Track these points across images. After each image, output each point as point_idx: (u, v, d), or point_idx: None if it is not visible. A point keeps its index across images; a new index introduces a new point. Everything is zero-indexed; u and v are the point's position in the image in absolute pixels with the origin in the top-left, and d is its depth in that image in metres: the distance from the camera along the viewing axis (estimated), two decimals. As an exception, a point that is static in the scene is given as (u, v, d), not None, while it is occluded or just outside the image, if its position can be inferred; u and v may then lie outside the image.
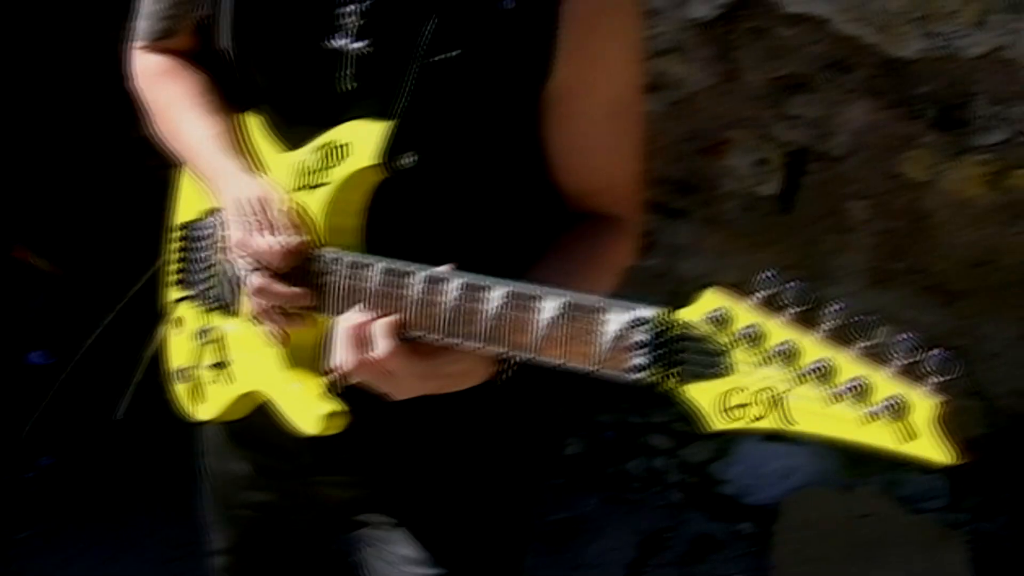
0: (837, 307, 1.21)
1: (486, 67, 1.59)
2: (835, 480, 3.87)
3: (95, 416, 2.03)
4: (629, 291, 4.00)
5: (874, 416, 1.15)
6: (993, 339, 3.73)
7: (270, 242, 1.62)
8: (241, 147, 1.74)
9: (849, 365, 1.18)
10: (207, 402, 1.82)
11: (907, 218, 3.68)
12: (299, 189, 1.65)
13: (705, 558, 3.72)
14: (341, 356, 1.53)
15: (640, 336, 1.32)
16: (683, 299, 1.24)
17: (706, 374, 1.27)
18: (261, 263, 1.63)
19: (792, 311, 1.23)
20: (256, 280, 1.64)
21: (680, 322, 1.29)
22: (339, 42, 1.61)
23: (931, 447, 1.13)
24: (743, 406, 1.24)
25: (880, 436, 1.15)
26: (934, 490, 3.81)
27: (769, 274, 1.25)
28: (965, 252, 3.66)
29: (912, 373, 1.16)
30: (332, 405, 1.61)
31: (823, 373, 1.19)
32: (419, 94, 1.56)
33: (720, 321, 1.26)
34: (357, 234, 1.64)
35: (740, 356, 1.25)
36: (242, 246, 1.65)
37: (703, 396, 1.27)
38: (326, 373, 1.60)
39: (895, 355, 1.17)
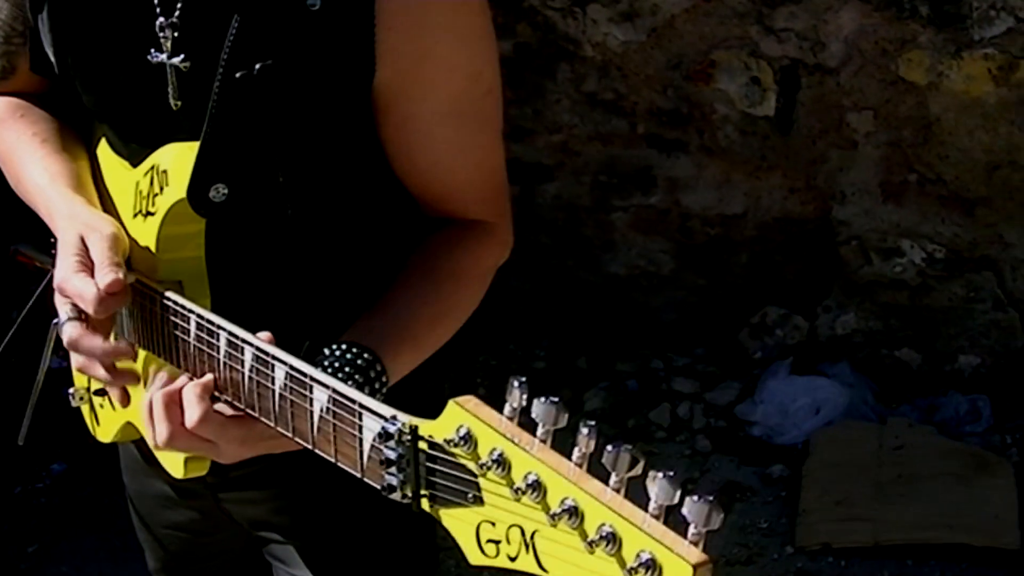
0: (587, 430, 1.00)
1: (300, 74, 1.48)
2: (867, 412, 3.66)
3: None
4: (640, 232, 3.88)
5: (633, 573, 0.95)
6: (1019, 245, 3.47)
7: (86, 285, 1.48)
8: (83, 183, 1.64)
9: (598, 508, 0.98)
10: (102, 426, 1.74)
11: (913, 125, 3.45)
12: (137, 215, 1.55)
13: (733, 506, 3.52)
14: (155, 428, 1.43)
15: (389, 453, 1.12)
16: (688, 237, 1.00)
17: (456, 502, 1.07)
18: (76, 311, 1.52)
19: (543, 431, 1.02)
20: (69, 330, 1.52)
21: (426, 439, 1.09)
22: (159, 57, 1.52)
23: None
24: (496, 542, 1.04)
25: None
26: (974, 413, 3.58)
27: (518, 382, 1.04)
28: (979, 156, 3.42)
29: (670, 520, 0.94)
30: None
31: (573, 514, 0.98)
32: (229, 111, 1.46)
33: (466, 441, 1.06)
34: (196, 268, 1.53)
35: (490, 485, 1.05)
36: (61, 290, 1.52)
37: (456, 526, 1.08)
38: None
39: (653, 495, 0.96)
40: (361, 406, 1.17)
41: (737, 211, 3.77)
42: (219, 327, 1.40)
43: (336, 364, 1.39)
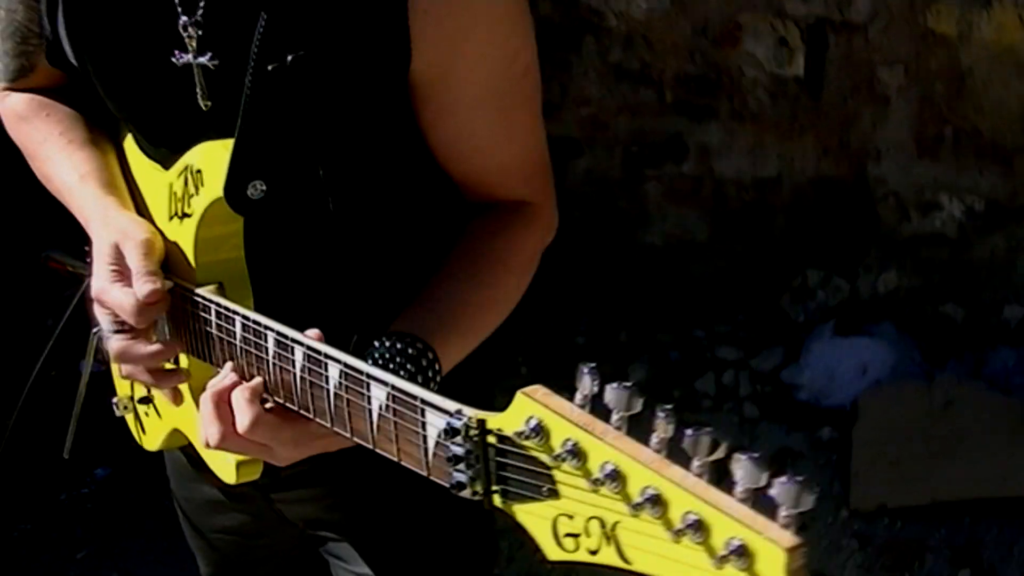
0: (664, 415, 0.96)
1: (334, 63, 1.44)
2: (914, 370, 3.61)
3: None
4: (673, 202, 3.83)
5: (724, 561, 0.91)
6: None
7: (124, 296, 1.47)
8: (114, 181, 1.62)
9: (682, 495, 0.94)
10: (148, 434, 1.72)
11: (945, 78, 3.39)
12: (173, 218, 1.52)
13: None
14: (206, 430, 1.41)
15: (456, 449, 1.09)
16: (723, 204, 0.96)
17: (530, 496, 1.04)
18: (118, 320, 1.50)
19: (617, 418, 0.99)
20: (114, 344, 1.51)
21: (495, 432, 1.06)
22: (185, 58, 1.48)
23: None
24: (575, 536, 1.01)
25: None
26: (1022, 365, 3.53)
27: (588, 368, 1.00)
28: (1015, 105, 3.37)
29: (759, 503, 0.91)
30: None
31: (656, 503, 0.95)
32: (262, 106, 1.42)
33: (537, 433, 1.02)
34: (236, 268, 1.50)
35: (565, 477, 1.01)
36: (99, 301, 1.51)
37: (532, 521, 1.05)
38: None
39: (738, 478, 0.92)
40: (423, 402, 1.14)
41: (771, 174, 3.72)
42: (266, 327, 1.37)
43: (387, 356, 1.37)
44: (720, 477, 0.95)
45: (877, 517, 3.30)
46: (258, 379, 1.38)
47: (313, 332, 1.35)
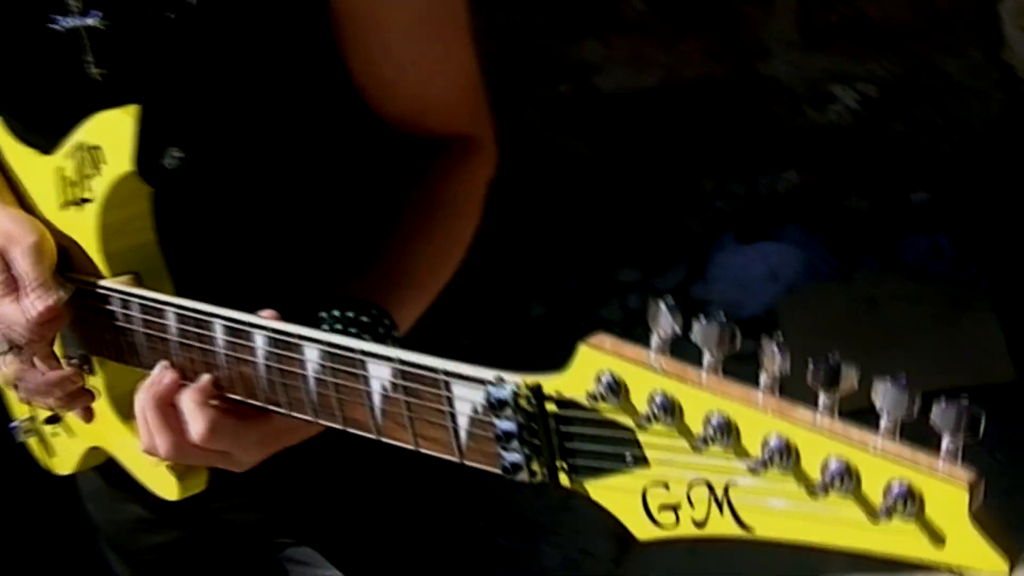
0: (775, 345, 0.78)
1: (244, 4, 1.30)
2: (827, 270, 3.51)
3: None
4: (553, 125, 3.65)
5: (887, 514, 0.74)
6: (956, 72, 3.33)
7: (15, 313, 1.30)
8: None
9: (817, 440, 0.76)
10: (58, 456, 1.55)
11: (824, -40, 3.26)
12: (66, 206, 1.35)
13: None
14: (150, 441, 1.23)
15: (504, 424, 0.90)
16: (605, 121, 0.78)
17: (609, 468, 0.85)
18: (9, 339, 1.33)
19: (712, 357, 0.81)
20: (8, 368, 1.36)
21: (555, 398, 0.87)
22: (68, 21, 1.31)
23: (970, 551, 0.72)
24: (673, 508, 0.83)
25: (895, 541, 0.74)
26: (936, 251, 3.45)
27: (666, 304, 0.82)
28: (901, -14, 3.25)
29: (914, 439, 0.73)
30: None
31: (785, 454, 0.77)
32: (167, 61, 1.28)
33: (614, 391, 0.83)
34: (150, 254, 1.33)
35: (655, 439, 0.83)
36: None
37: (613, 498, 0.86)
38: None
39: (883, 409, 0.75)
40: (447, 373, 0.94)
41: (654, 84, 3.57)
42: (211, 315, 1.18)
43: (338, 329, 1.21)
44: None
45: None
46: (207, 377, 1.20)
47: (268, 312, 1.17)
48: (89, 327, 1.34)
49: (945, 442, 0.74)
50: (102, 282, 1.31)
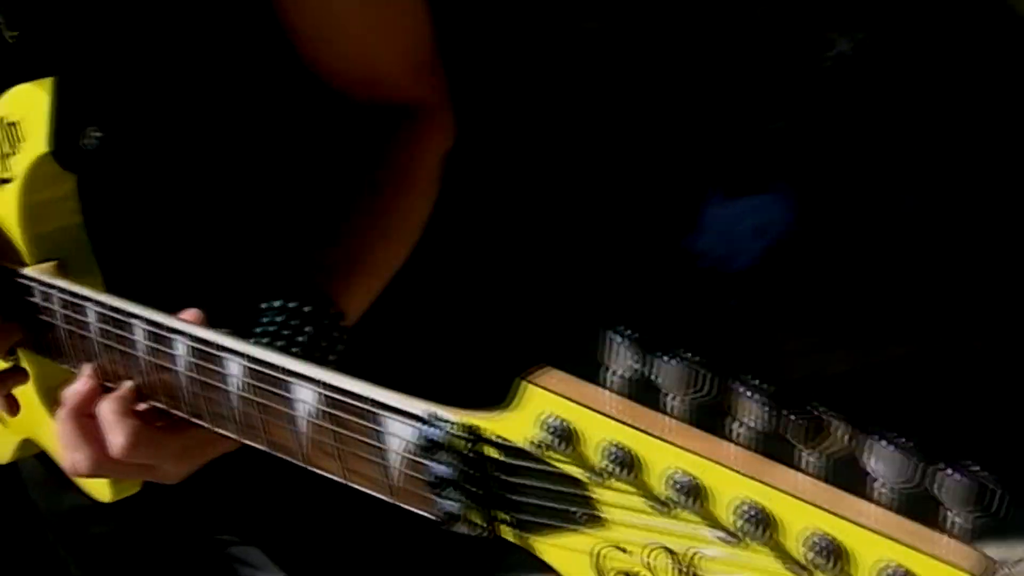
0: (750, 390, 0.66)
1: None
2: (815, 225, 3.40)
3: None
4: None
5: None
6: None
7: None
8: None
9: (801, 508, 0.64)
10: None
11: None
12: None
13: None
14: (70, 456, 1.12)
15: (438, 468, 0.77)
16: None
17: (558, 526, 0.73)
18: None
19: (679, 402, 0.68)
20: None
21: (495, 442, 0.75)
22: None
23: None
24: (630, 574, 0.71)
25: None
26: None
27: (621, 336, 0.69)
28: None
29: (911, 510, 0.61)
30: None
31: (761, 523, 0.65)
32: (85, 27, 1.18)
33: (559, 438, 0.71)
34: (76, 239, 1.22)
35: (611, 496, 0.71)
36: None
37: (562, 558, 0.74)
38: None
39: (878, 476, 0.63)
40: (376, 404, 0.82)
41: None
42: (130, 315, 1.06)
43: (278, 321, 1.11)
44: (848, 475, 0.65)
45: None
46: (128, 385, 1.09)
47: (190, 313, 1.05)
48: (13, 316, 1.23)
49: (952, 518, 0.62)
50: (23, 270, 1.20)
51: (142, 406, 1.09)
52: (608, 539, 0.71)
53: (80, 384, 1.11)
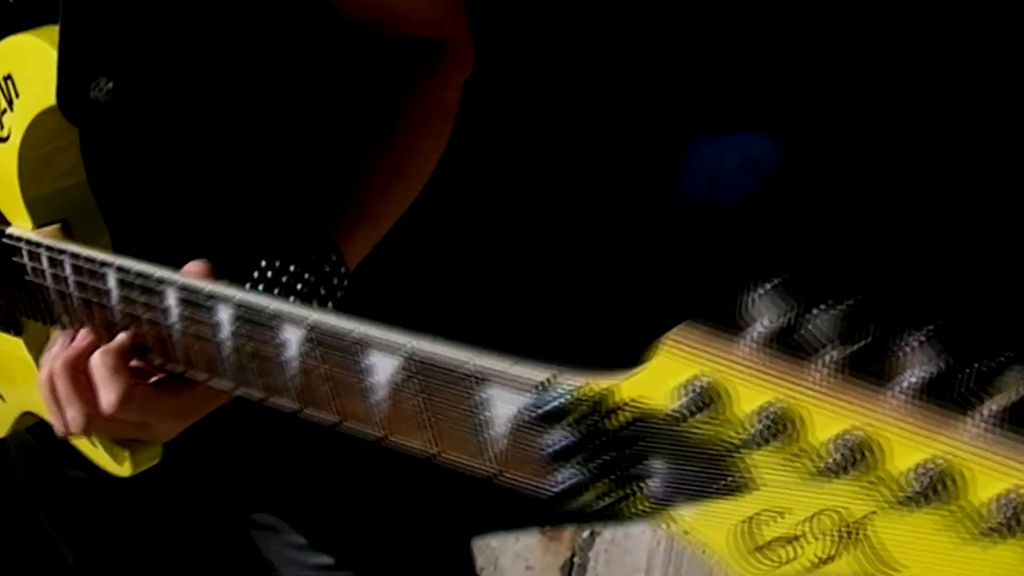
0: (920, 339, 0.60)
1: None
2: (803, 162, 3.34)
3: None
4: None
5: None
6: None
7: None
8: None
9: (987, 469, 0.58)
10: None
11: None
12: None
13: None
14: (62, 413, 1.09)
15: (558, 438, 0.71)
16: None
17: (701, 494, 0.67)
18: None
19: (838, 354, 0.62)
20: None
21: (629, 408, 0.68)
22: None
23: None
24: (789, 541, 0.65)
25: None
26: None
27: (765, 287, 0.63)
28: None
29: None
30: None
31: (943, 485, 0.59)
32: None
33: (706, 402, 0.65)
34: (80, 199, 1.16)
35: (767, 460, 0.64)
36: None
37: (707, 529, 0.68)
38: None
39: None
40: (477, 373, 0.75)
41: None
42: (104, 268, 1.04)
43: (276, 267, 1.09)
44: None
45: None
46: (121, 337, 1.05)
47: (197, 265, 1.02)
48: (6, 284, 1.19)
49: None
50: (8, 229, 1.15)
51: (136, 363, 1.06)
52: (763, 505, 0.66)
53: (76, 340, 1.08)
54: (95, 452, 1.21)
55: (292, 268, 1.10)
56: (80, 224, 1.16)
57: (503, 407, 0.74)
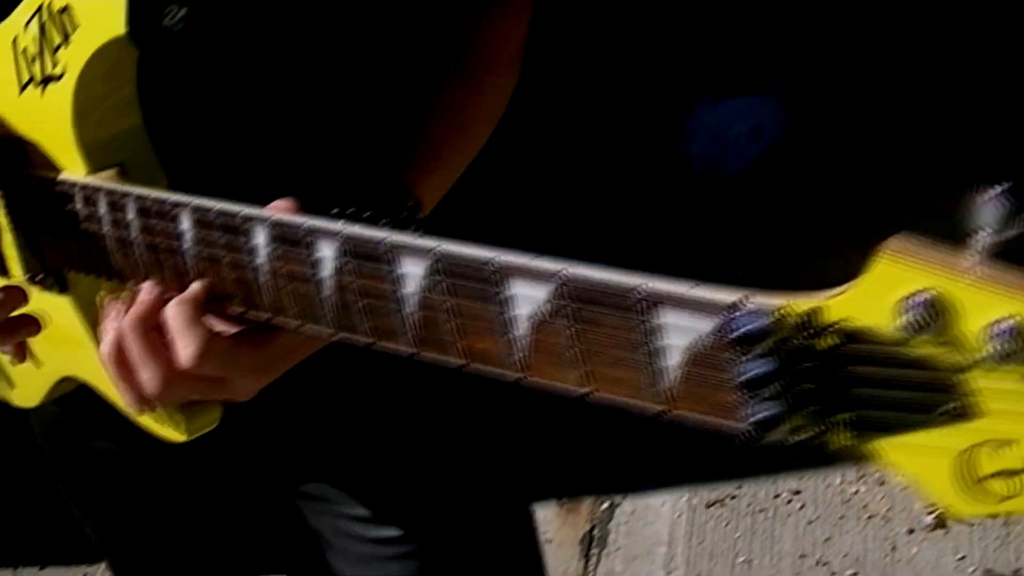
0: None
1: None
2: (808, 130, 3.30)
3: None
4: None
5: None
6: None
7: None
8: None
9: None
10: (19, 388, 1.31)
11: None
12: (27, 86, 1.08)
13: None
14: (131, 383, 1.01)
15: (754, 366, 0.65)
16: None
17: (916, 422, 0.62)
18: None
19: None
20: None
21: (838, 328, 0.63)
22: None
23: None
24: (1015, 474, 0.60)
25: None
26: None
27: (999, 191, 0.58)
28: None
29: None
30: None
31: None
32: None
33: (928, 319, 0.60)
34: (136, 141, 1.08)
35: (991, 382, 0.59)
36: None
37: (920, 460, 0.63)
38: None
39: None
40: (651, 295, 0.69)
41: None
42: (177, 207, 0.97)
43: (350, 212, 1.02)
44: None
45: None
46: (197, 285, 0.98)
47: (283, 203, 0.95)
48: (56, 235, 1.11)
49: None
50: (72, 177, 1.07)
51: (212, 315, 0.99)
52: (987, 434, 0.60)
53: (143, 294, 1.00)
54: (148, 416, 1.14)
55: (367, 215, 1.03)
56: (136, 169, 1.08)
57: (680, 335, 0.68)
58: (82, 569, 2.78)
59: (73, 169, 1.09)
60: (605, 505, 2.65)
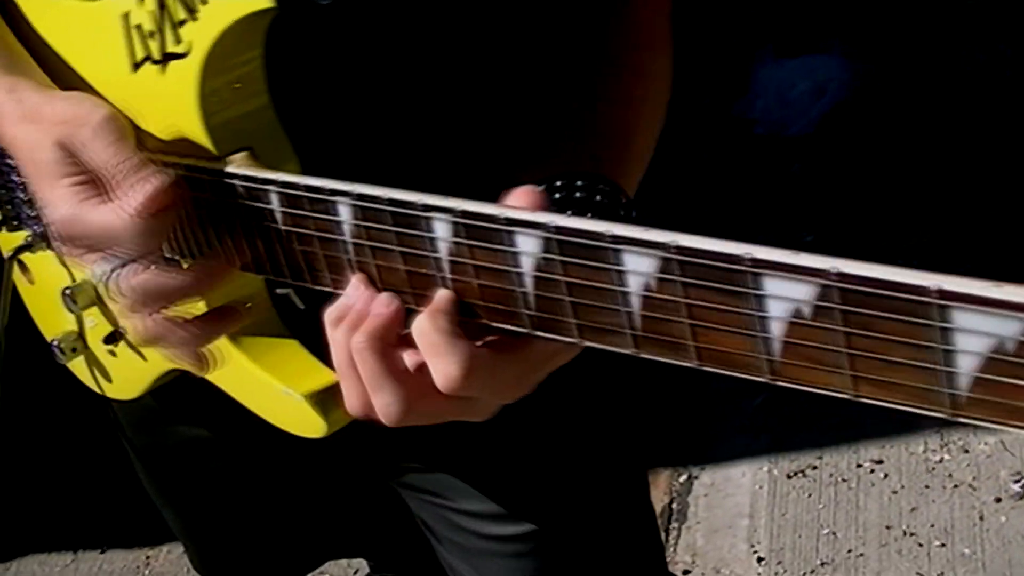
0: None
1: None
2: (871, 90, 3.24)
3: None
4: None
5: None
6: None
7: (110, 216, 0.96)
8: (11, 49, 1.08)
9: None
10: (117, 382, 1.26)
11: None
12: (143, 64, 1.00)
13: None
14: (375, 400, 0.88)
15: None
16: None
17: None
18: (116, 256, 0.98)
19: None
20: (133, 283, 0.98)
21: None
22: None
23: None
24: None
25: None
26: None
27: None
28: None
29: None
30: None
31: None
32: None
33: None
34: (263, 122, 0.99)
35: None
36: (73, 234, 0.99)
37: None
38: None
39: None
40: (943, 293, 0.63)
41: None
42: (428, 207, 0.84)
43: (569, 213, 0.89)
44: None
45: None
46: (445, 294, 0.85)
47: (525, 194, 0.83)
48: (183, 225, 1.02)
49: None
50: (208, 164, 0.98)
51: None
52: None
53: (377, 306, 0.88)
54: (278, 413, 1.08)
55: (586, 215, 0.93)
56: (266, 152, 1.00)
57: (972, 342, 0.63)
58: (144, 552, 2.74)
59: (192, 154, 1.00)
60: (683, 477, 2.61)
